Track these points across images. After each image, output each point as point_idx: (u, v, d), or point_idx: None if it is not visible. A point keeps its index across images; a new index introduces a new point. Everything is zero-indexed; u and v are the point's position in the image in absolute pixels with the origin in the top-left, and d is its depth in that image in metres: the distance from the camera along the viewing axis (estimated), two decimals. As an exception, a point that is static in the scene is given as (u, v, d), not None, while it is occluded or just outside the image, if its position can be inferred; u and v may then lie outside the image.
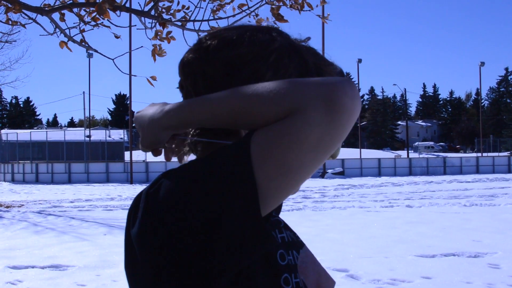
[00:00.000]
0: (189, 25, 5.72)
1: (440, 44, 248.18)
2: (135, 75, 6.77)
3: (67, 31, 5.79)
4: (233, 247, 0.92)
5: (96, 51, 6.06)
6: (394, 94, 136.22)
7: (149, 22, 5.87)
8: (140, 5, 5.64)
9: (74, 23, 5.88)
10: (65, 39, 5.79)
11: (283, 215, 1.33)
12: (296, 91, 0.92)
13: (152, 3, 5.53)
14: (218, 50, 1.13)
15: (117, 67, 5.88)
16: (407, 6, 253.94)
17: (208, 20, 5.55)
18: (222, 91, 1.01)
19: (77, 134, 56.77)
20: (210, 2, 5.74)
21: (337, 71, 1.19)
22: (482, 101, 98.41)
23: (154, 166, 40.64)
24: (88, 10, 5.78)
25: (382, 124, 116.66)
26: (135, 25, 6.01)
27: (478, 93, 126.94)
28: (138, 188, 30.99)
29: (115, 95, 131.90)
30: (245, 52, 1.11)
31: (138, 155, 53.53)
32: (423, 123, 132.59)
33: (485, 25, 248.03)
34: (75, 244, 11.45)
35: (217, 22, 5.67)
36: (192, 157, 1.22)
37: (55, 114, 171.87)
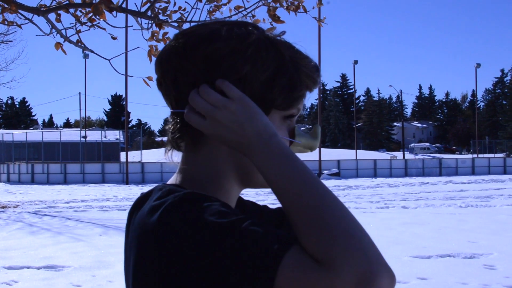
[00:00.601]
0: (186, 26, 5.72)
1: (436, 46, 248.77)
2: (131, 76, 6.78)
3: (63, 31, 5.78)
4: None
5: (92, 51, 6.06)
6: (390, 96, 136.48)
7: (145, 23, 5.87)
8: (136, 6, 5.64)
9: (70, 24, 5.88)
10: (61, 40, 5.78)
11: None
12: (344, 246, 0.90)
13: (148, 4, 5.52)
14: (196, 45, 1.12)
15: (113, 67, 5.88)
16: (403, 7, 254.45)
17: (204, 21, 5.56)
18: (297, 175, 1.00)
19: (72, 135, 56.70)
20: (206, 3, 5.74)
21: (312, 64, 1.19)
22: (478, 102, 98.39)
23: (150, 166, 40.63)
24: (84, 10, 5.78)
25: (378, 125, 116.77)
26: (132, 26, 6.02)
27: (474, 94, 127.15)
28: (134, 189, 30.96)
29: (111, 95, 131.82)
30: (222, 46, 1.11)
31: (134, 155, 53.56)
32: (419, 125, 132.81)
33: (481, 27, 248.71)
34: (70, 245, 11.45)
35: (213, 23, 5.66)
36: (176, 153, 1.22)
37: (51, 115, 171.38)
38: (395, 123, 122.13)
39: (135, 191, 28.77)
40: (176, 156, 1.22)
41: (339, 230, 0.92)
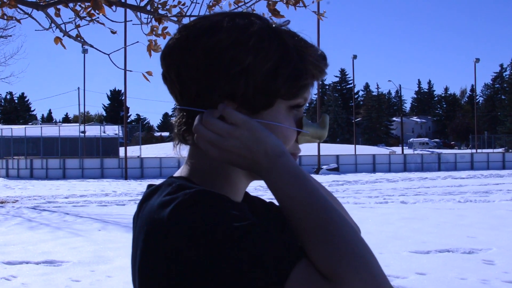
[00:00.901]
0: (185, 20, 5.71)
1: (435, 41, 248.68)
2: (130, 70, 6.75)
3: (62, 26, 5.77)
4: None
5: (91, 46, 6.05)
6: (389, 90, 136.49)
7: (144, 18, 5.86)
8: (136, 0, 5.63)
9: (69, 18, 5.86)
10: (61, 35, 5.77)
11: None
12: (354, 265, 0.92)
13: (147, -1, 5.52)
14: (197, 38, 1.11)
15: (112, 62, 5.87)
16: (403, 2, 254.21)
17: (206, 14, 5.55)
18: (317, 197, 1.01)
19: (71, 130, 56.71)
20: (205, -3, 5.74)
21: (318, 53, 1.18)
22: (477, 97, 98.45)
23: (149, 162, 40.63)
24: (83, 5, 5.77)
25: (377, 120, 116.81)
26: (131, 20, 6.01)
27: (473, 89, 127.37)
28: (133, 184, 30.96)
29: (110, 90, 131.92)
30: (224, 38, 1.10)
31: (133, 151, 53.54)
32: (418, 120, 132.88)
33: (480, 22, 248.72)
34: (69, 240, 11.45)
35: (212, 18, 5.65)
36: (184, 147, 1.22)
37: (49, 110, 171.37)
38: (394, 118, 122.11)
39: (134, 186, 28.77)
40: (184, 150, 1.22)
41: (349, 249, 0.93)
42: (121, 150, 50.81)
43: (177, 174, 1.20)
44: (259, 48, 1.10)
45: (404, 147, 72.70)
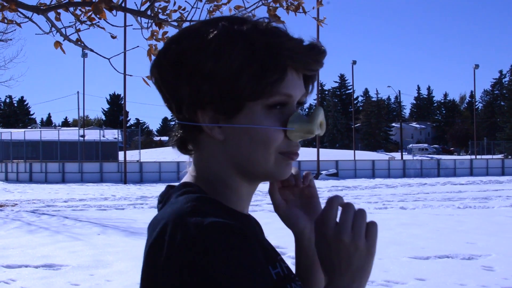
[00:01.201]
0: (185, 25, 5.71)
1: (434, 47, 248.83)
2: (130, 75, 6.76)
3: (63, 30, 5.77)
4: None
5: (92, 50, 6.05)
6: (389, 96, 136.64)
7: (145, 22, 5.86)
8: (136, 5, 5.63)
9: (70, 23, 5.87)
10: (61, 39, 5.78)
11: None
12: None
13: (148, 3, 5.52)
14: (166, 51, 1.14)
15: (113, 66, 5.87)
16: (403, 8, 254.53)
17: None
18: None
19: (71, 134, 56.66)
20: (206, 2, 5.74)
21: (302, 45, 1.13)
22: (476, 103, 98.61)
23: (148, 166, 40.63)
24: (84, 9, 5.77)
25: (376, 126, 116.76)
26: (131, 25, 6.01)
27: (472, 95, 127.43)
28: (132, 188, 30.93)
29: (110, 95, 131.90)
30: (186, 47, 1.11)
31: (132, 155, 53.51)
32: (417, 125, 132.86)
33: (480, 28, 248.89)
34: (68, 244, 11.44)
35: (213, 23, 5.64)
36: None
37: (49, 114, 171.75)
38: (393, 124, 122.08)
39: (133, 191, 28.74)
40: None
41: None
42: (121, 154, 50.78)
43: (185, 179, 1.20)
44: (220, 53, 1.09)
45: (404, 153, 72.67)
